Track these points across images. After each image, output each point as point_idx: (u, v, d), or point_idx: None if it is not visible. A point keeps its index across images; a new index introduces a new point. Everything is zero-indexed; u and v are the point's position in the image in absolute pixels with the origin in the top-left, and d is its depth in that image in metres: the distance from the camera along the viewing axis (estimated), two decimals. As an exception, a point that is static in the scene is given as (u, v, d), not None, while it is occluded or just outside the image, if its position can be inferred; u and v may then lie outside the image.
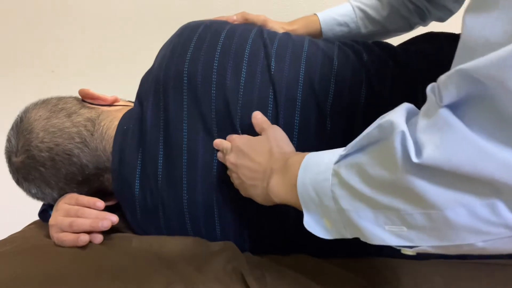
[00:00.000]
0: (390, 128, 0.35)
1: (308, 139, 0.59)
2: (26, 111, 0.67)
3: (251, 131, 0.61)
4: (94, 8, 1.30)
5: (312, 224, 0.44)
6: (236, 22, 0.76)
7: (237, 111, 0.61)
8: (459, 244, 0.33)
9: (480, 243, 0.32)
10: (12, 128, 0.66)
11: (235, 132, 0.61)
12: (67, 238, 0.60)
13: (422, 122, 0.33)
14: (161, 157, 0.62)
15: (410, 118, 0.36)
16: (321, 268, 0.58)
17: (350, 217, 0.39)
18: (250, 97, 0.61)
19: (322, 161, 0.43)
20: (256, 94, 0.61)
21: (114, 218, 0.61)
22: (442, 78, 0.32)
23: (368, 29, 0.80)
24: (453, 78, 0.31)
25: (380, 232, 0.37)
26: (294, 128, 0.60)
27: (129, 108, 0.69)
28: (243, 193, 0.57)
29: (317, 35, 0.81)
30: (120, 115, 0.67)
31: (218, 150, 0.61)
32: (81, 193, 0.65)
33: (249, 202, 0.60)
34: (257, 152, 0.54)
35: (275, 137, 0.54)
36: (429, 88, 0.35)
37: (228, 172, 0.58)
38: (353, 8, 0.80)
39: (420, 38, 0.70)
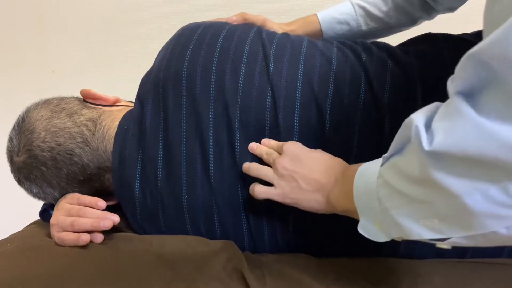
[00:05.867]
0: (410, 124, 0.37)
1: (307, 139, 0.60)
2: (28, 111, 0.67)
3: (249, 132, 0.61)
4: (94, 8, 1.30)
5: (365, 228, 0.46)
6: (235, 23, 0.76)
7: (236, 112, 0.61)
8: (485, 234, 0.34)
9: (503, 230, 0.33)
10: (13, 128, 0.66)
11: (233, 133, 0.61)
12: (68, 237, 0.60)
13: (439, 112, 0.35)
14: (161, 157, 0.62)
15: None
16: (321, 267, 0.58)
17: (391, 215, 0.41)
18: (249, 98, 0.61)
19: (372, 167, 0.45)
20: (254, 95, 0.61)
21: (115, 218, 0.61)
22: (457, 67, 0.34)
23: (369, 26, 0.80)
24: (463, 65, 0.33)
25: (416, 228, 0.39)
26: (294, 128, 0.60)
27: (130, 108, 0.69)
28: (292, 196, 0.55)
29: (316, 35, 0.81)
30: (121, 115, 0.68)
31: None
32: (82, 193, 0.65)
33: (247, 201, 0.61)
34: (314, 160, 0.55)
35: (312, 150, 0.57)
36: (449, 79, 0.36)
37: (271, 175, 0.56)
38: (353, 5, 0.80)
39: (418, 39, 0.70)
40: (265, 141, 0.60)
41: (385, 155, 0.43)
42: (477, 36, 0.65)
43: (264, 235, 0.63)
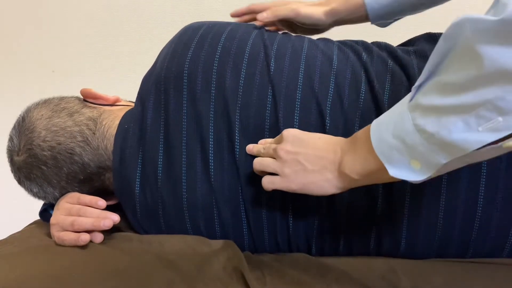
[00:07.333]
0: (457, 27, 0.36)
1: None
2: (28, 110, 0.67)
3: (249, 131, 0.61)
4: (94, 8, 1.30)
5: (401, 173, 0.44)
6: (267, 20, 0.73)
7: (236, 111, 0.61)
8: None
9: None
10: (14, 127, 0.66)
11: (232, 132, 0.61)
12: (68, 237, 0.60)
13: None
14: (161, 156, 0.62)
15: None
16: (321, 267, 0.58)
17: (441, 137, 0.39)
18: (249, 97, 0.61)
19: (394, 111, 0.44)
20: (255, 95, 0.62)
21: (115, 217, 0.61)
22: None
23: None
24: None
25: (476, 136, 0.37)
26: (294, 128, 0.60)
27: (130, 107, 0.70)
28: (298, 181, 0.54)
29: (358, 11, 0.73)
30: (122, 114, 0.68)
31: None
32: (82, 192, 0.66)
33: (247, 201, 0.61)
34: (316, 139, 0.54)
35: (311, 132, 0.56)
36: None
37: (274, 164, 0.55)
38: None
39: (418, 39, 0.70)
40: (261, 141, 0.60)
41: (414, 85, 0.42)
42: None
43: (264, 234, 0.63)
